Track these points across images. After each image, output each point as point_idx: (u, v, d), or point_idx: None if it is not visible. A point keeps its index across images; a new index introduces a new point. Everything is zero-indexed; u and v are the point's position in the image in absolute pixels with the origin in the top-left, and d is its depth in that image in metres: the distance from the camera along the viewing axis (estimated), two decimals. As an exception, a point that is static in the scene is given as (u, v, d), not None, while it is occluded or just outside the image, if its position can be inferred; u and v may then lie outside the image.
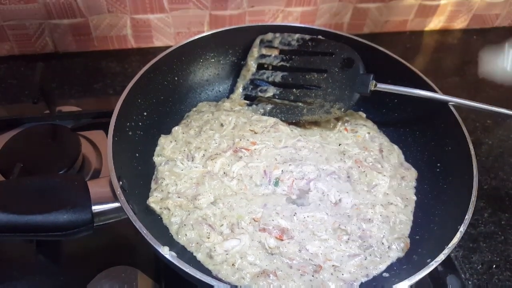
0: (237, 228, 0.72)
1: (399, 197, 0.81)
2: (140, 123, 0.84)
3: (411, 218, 0.79)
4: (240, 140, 0.86)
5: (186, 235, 0.71)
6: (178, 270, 0.58)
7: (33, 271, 0.77)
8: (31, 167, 0.86)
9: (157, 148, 0.86)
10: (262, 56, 0.98)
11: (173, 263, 0.57)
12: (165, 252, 0.59)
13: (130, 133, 0.80)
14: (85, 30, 1.25)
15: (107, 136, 0.71)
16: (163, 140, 0.87)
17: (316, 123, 0.94)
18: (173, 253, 0.59)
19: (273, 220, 0.74)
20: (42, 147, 0.92)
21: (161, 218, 0.75)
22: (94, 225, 0.63)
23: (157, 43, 1.33)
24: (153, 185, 0.80)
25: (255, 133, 0.88)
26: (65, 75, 1.23)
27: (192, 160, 0.83)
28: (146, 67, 0.85)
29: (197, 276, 0.56)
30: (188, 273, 0.56)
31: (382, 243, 0.73)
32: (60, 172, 0.87)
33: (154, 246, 0.58)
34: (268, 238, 0.71)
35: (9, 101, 1.14)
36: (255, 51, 0.98)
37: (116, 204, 0.63)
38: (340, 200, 0.79)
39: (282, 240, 0.71)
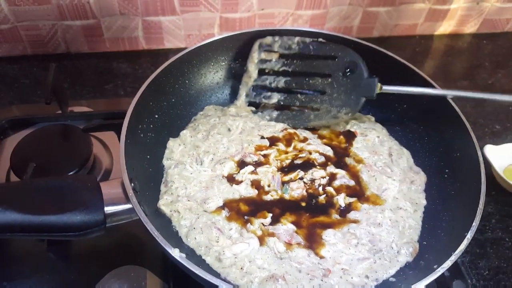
0: (246, 232, 0.73)
1: (408, 201, 0.81)
2: (151, 126, 0.84)
3: (420, 223, 0.79)
4: (249, 145, 0.86)
5: (195, 238, 0.72)
6: (188, 271, 0.59)
7: (44, 270, 0.79)
8: (44, 166, 0.87)
9: (166, 151, 0.87)
10: (263, 61, 0.97)
11: (183, 265, 0.58)
12: (176, 254, 0.60)
13: (142, 135, 0.81)
14: (97, 31, 1.26)
15: (118, 137, 0.72)
16: (171, 143, 0.88)
17: (325, 127, 0.94)
18: (183, 255, 0.60)
19: (282, 225, 0.74)
20: (54, 147, 0.94)
21: (171, 221, 0.75)
22: (106, 225, 0.65)
23: (168, 45, 1.34)
24: (163, 188, 0.81)
25: (264, 137, 0.89)
26: (77, 76, 1.25)
27: (201, 164, 0.83)
28: (158, 70, 0.86)
29: (207, 278, 0.56)
30: (198, 275, 0.57)
31: (392, 248, 0.73)
32: (72, 172, 0.89)
33: (165, 248, 0.59)
34: (277, 242, 0.72)
35: (22, 101, 1.16)
36: (254, 56, 0.97)
37: (128, 206, 0.64)
38: (349, 204, 0.79)
39: (291, 244, 0.72)
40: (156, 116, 0.86)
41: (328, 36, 0.97)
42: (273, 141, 0.89)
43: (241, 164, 0.84)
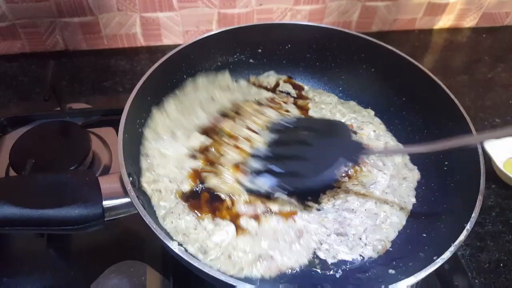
0: (221, 220, 0.73)
1: (397, 198, 0.81)
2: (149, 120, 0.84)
3: (404, 222, 0.79)
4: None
5: (172, 222, 0.71)
6: (187, 264, 0.59)
7: (44, 266, 0.79)
8: (43, 163, 0.87)
9: (149, 121, 0.84)
10: None
11: (182, 258, 0.58)
12: (174, 246, 0.60)
13: (140, 130, 0.81)
14: (95, 28, 1.26)
15: (116, 133, 0.72)
16: (155, 113, 0.85)
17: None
18: (182, 248, 0.60)
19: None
20: (53, 144, 0.94)
21: (151, 201, 0.74)
22: (105, 219, 0.65)
23: (166, 41, 1.34)
24: (144, 163, 0.78)
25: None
26: (75, 73, 1.25)
27: (177, 141, 0.83)
28: (154, 66, 0.85)
29: (205, 270, 0.56)
30: (197, 267, 0.57)
31: (360, 238, 0.74)
32: (71, 168, 0.88)
33: (164, 241, 0.59)
34: (248, 220, 0.73)
35: (20, 99, 1.16)
36: None
37: (126, 199, 0.64)
38: None
39: (259, 216, 0.74)
40: (154, 111, 0.86)
41: (328, 30, 0.97)
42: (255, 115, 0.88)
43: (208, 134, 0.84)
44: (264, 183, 0.76)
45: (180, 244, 0.69)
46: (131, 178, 0.66)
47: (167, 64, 0.88)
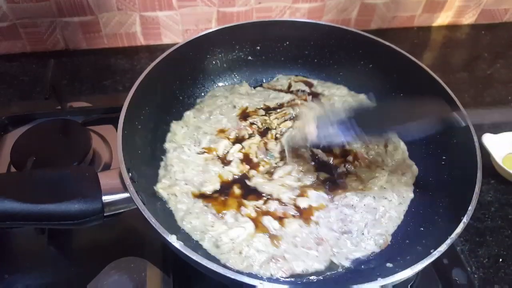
0: (241, 217, 0.74)
1: (396, 193, 0.81)
2: (148, 116, 0.85)
3: (402, 217, 0.79)
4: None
5: (191, 222, 0.72)
6: (186, 258, 0.59)
7: (44, 262, 0.79)
8: (44, 160, 0.88)
9: (169, 134, 0.88)
10: None
11: (181, 251, 0.59)
12: (173, 240, 0.60)
13: (140, 126, 0.81)
14: (95, 27, 1.27)
15: (116, 131, 0.72)
16: (174, 126, 0.88)
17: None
18: (181, 242, 0.61)
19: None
20: (53, 142, 0.94)
21: (167, 205, 0.76)
22: (104, 214, 0.65)
23: (166, 40, 1.35)
24: (162, 172, 0.81)
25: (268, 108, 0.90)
26: (75, 72, 1.25)
27: (199, 146, 0.84)
28: (153, 64, 0.86)
29: (203, 263, 0.57)
30: (197, 261, 0.57)
31: (362, 233, 0.75)
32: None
33: (163, 235, 0.60)
34: (272, 220, 0.73)
35: (21, 98, 1.17)
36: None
37: (126, 195, 0.64)
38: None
39: (283, 219, 0.74)
40: (153, 108, 0.87)
41: (326, 26, 0.98)
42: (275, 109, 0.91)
43: (237, 140, 0.86)
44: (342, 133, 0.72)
45: (194, 241, 0.71)
46: (130, 174, 0.66)
47: (165, 62, 0.89)
